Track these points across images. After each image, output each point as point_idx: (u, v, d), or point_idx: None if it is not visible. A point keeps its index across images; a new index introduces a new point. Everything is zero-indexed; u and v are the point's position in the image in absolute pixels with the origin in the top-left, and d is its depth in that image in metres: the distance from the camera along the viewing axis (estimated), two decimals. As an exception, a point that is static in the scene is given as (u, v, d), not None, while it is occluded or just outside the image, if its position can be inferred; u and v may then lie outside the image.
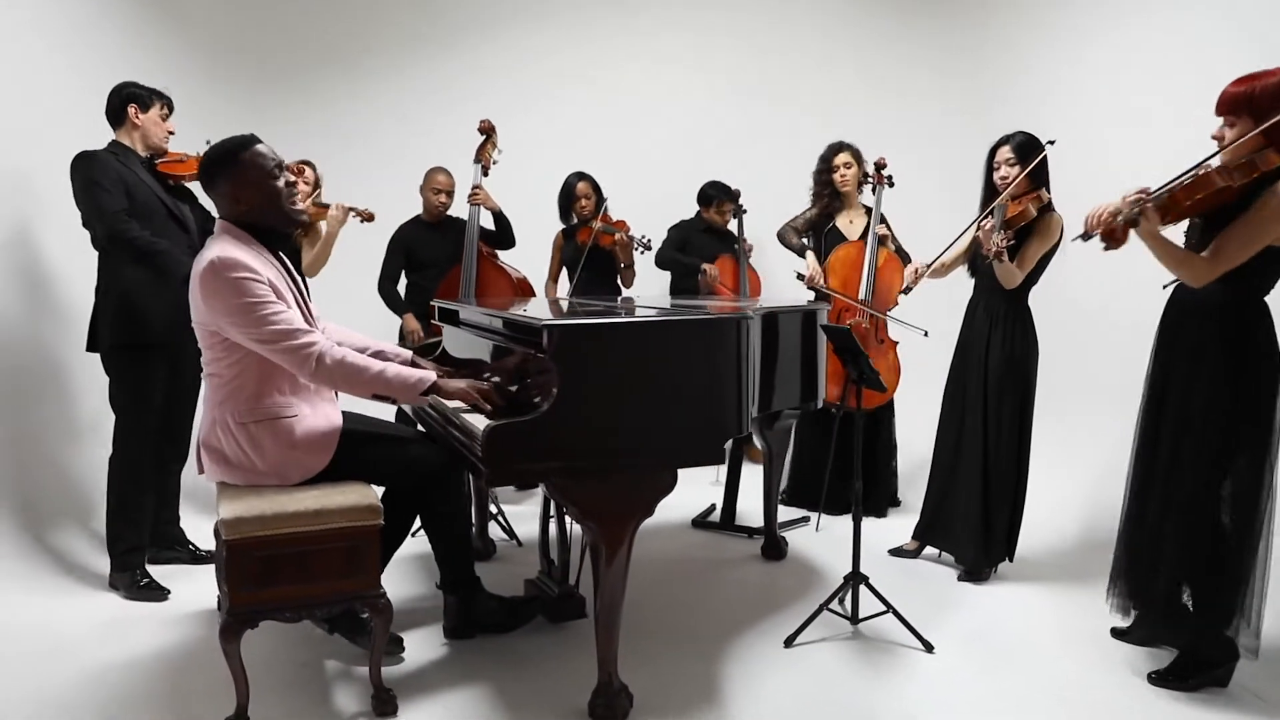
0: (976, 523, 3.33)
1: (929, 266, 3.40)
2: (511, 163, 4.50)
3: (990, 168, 3.34)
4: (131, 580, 3.25)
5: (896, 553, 3.61)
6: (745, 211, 4.60)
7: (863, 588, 2.94)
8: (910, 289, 3.39)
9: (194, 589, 3.27)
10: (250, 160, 2.43)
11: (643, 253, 4.48)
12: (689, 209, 4.83)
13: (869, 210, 4.21)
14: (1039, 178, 3.24)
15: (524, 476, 2.27)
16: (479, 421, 2.40)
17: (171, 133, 3.41)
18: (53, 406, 3.94)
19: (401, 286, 4.45)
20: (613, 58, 5.56)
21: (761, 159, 5.21)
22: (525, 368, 2.58)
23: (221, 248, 2.37)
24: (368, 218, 3.88)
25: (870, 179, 4.14)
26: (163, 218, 3.29)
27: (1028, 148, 3.24)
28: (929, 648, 2.79)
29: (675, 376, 2.32)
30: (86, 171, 3.17)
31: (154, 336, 3.25)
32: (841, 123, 4.55)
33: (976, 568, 3.36)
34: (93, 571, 3.43)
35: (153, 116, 3.33)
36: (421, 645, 2.81)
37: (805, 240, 4.31)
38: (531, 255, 4.62)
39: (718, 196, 4.65)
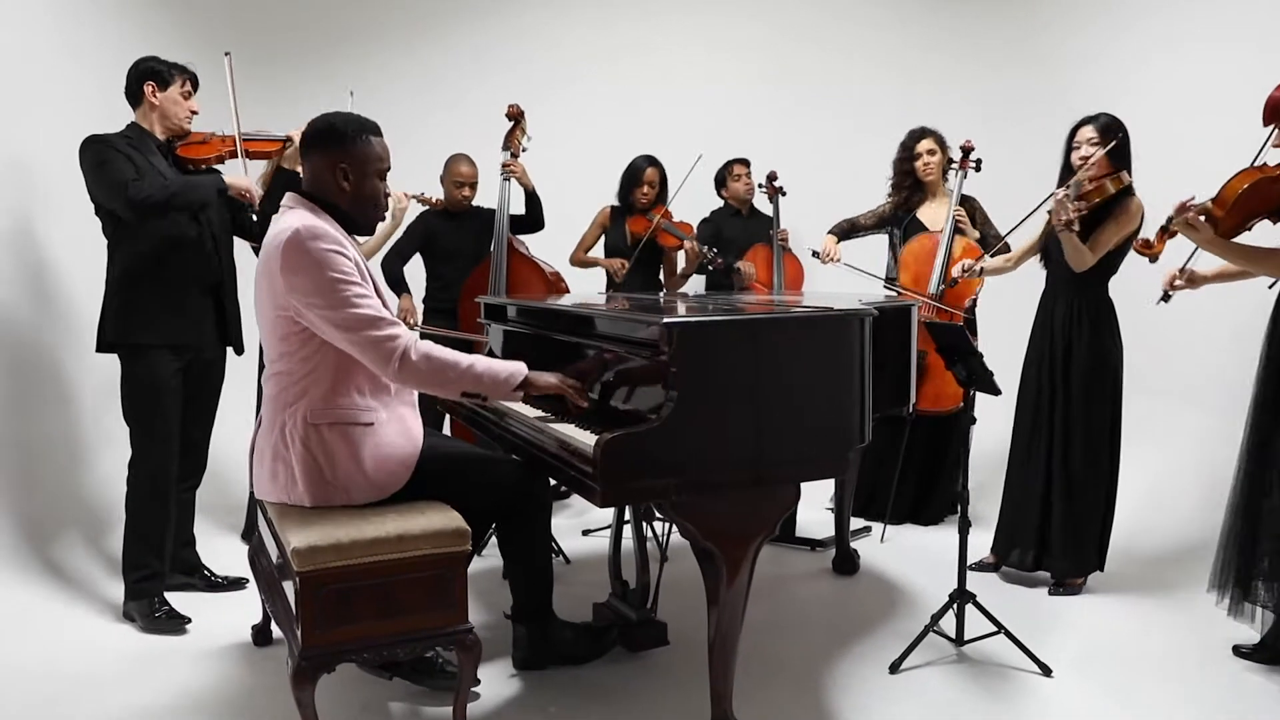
0: (1065, 532, 3.13)
1: (978, 261, 3.19)
2: (540, 147, 4.21)
3: (1069, 148, 3.15)
4: (148, 610, 2.92)
5: (977, 567, 3.38)
6: (785, 194, 4.34)
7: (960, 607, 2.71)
8: (955, 281, 3.18)
9: (215, 619, 2.95)
10: (372, 149, 2.23)
11: (711, 270, 4.21)
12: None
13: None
14: (1121, 161, 3.07)
15: (641, 495, 2.01)
16: (579, 434, 2.13)
17: (195, 112, 3.07)
18: (59, 413, 3.61)
19: (419, 280, 4.16)
20: (650, 40, 5.24)
21: (801, 147, 4.96)
22: (608, 370, 2.33)
23: (302, 217, 2.11)
24: (429, 203, 3.74)
25: (954, 165, 3.92)
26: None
27: (1112, 129, 3.06)
28: (1046, 670, 2.57)
29: (802, 379, 2.10)
30: (96, 154, 2.86)
31: (165, 335, 2.94)
32: (887, 112, 4.35)
33: (1067, 579, 3.17)
34: (104, 598, 3.10)
35: (172, 95, 2.99)
36: (491, 680, 2.52)
37: (848, 235, 4.08)
38: (560, 245, 4.34)
39: (727, 163, 4.45)
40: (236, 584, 3.28)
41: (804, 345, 2.10)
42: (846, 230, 4.09)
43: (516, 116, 4.04)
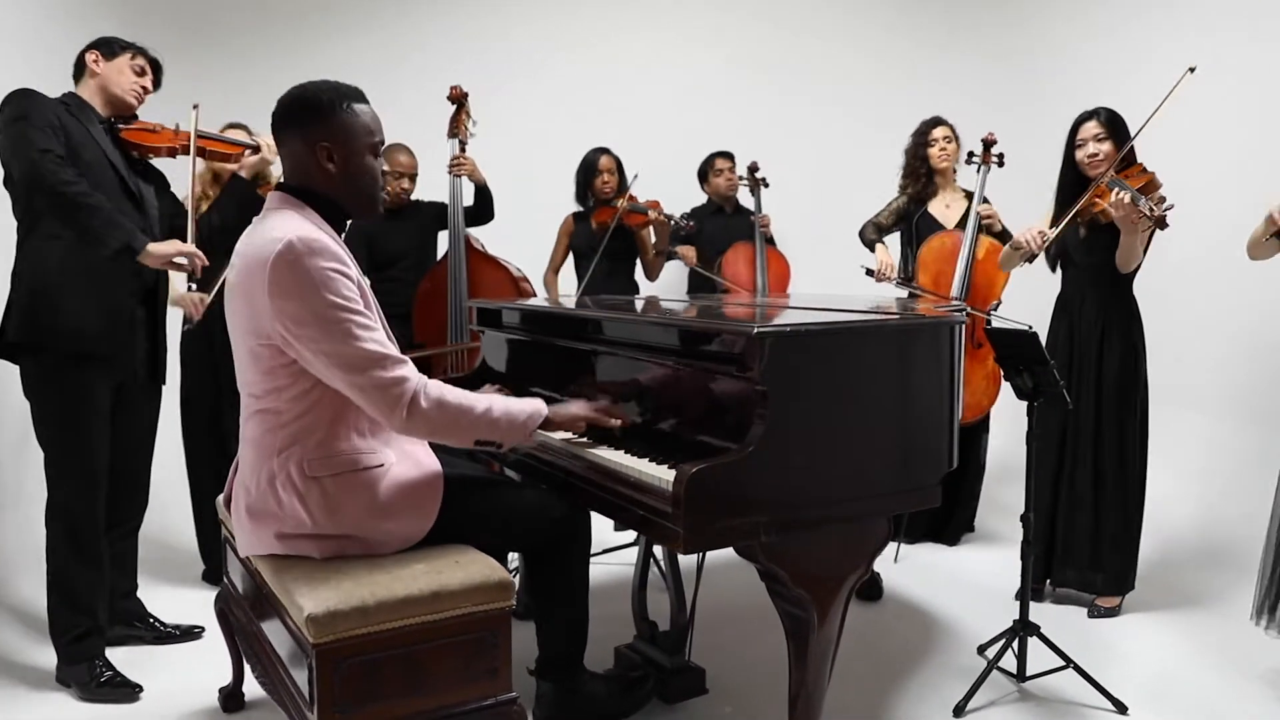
0: (1105, 550, 2.94)
1: (1043, 236, 2.91)
2: (495, 141, 3.87)
3: (1072, 146, 2.97)
4: (88, 675, 2.46)
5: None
6: (767, 185, 4.13)
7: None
8: (1033, 257, 2.92)
9: (172, 679, 2.53)
10: (358, 119, 1.85)
11: (685, 236, 3.93)
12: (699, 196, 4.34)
13: (969, 194, 3.70)
14: (1131, 157, 2.90)
15: (727, 537, 1.71)
16: (642, 464, 1.81)
17: (146, 89, 2.63)
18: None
19: None
20: (613, 23, 4.93)
21: (783, 140, 4.70)
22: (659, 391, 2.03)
23: (296, 225, 1.72)
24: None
25: (975, 159, 3.70)
26: (115, 191, 2.49)
27: (1118, 122, 2.91)
28: (1121, 708, 2.36)
29: (903, 396, 1.85)
30: (17, 107, 2.36)
31: (85, 343, 2.44)
32: (867, 102, 4.15)
33: (1107, 600, 2.98)
34: (26, 664, 2.62)
35: (118, 65, 2.55)
36: (510, 744, 2.18)
37: (881, 237, 3.79)
38: (520, 246, 3.96)
39: (710, 157, 4.21)
40: (189, 633, 2.84)
41: (903, 357, 1.85)
42: (875, 236, 3.79)
43: (460, 99, 3.68)
